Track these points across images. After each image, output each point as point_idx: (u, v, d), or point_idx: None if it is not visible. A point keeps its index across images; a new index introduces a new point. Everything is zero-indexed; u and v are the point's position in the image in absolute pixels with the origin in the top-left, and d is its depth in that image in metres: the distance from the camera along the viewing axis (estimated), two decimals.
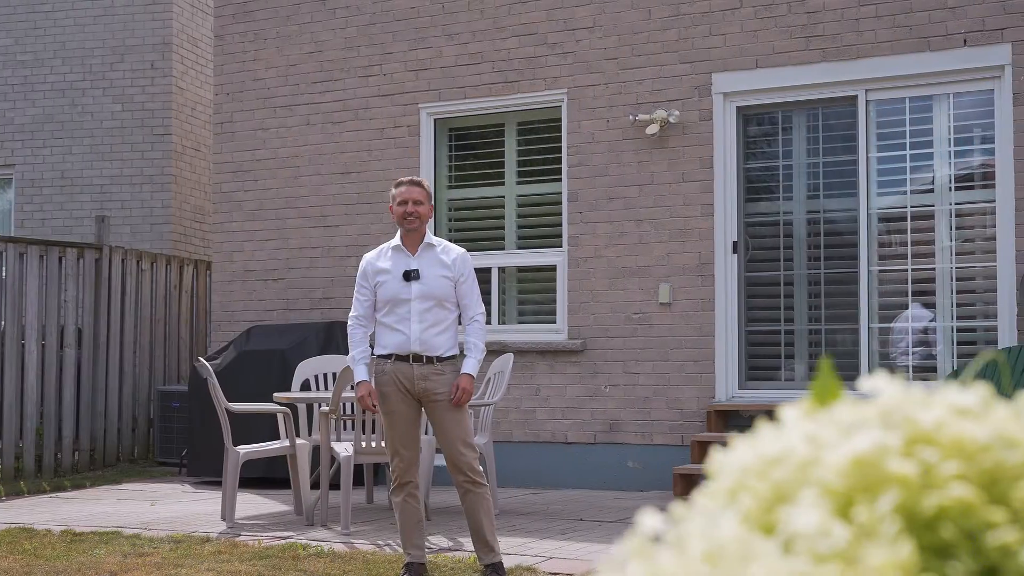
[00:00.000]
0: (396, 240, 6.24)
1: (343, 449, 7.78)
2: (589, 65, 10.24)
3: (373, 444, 7.65)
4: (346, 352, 10.11)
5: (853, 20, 9.34)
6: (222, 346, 11.16)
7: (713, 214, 9.73)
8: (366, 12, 11.23)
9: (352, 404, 7.85)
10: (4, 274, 11.16)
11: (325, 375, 9.22)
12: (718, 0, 9.79)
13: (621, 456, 9.95)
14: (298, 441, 8.14)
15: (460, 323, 6.29)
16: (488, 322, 9.70)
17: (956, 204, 9.13)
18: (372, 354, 6.27)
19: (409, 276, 6.07)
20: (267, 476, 9.90)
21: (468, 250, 10.65)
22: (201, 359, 8.24)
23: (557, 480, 10.06)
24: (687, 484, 9.14)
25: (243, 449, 8.09)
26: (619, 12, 10.14)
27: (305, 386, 9.12)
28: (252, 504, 9.05)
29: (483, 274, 10.68)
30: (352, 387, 6.40)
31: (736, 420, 9.57)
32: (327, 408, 7.73)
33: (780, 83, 9.58)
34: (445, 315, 6.08)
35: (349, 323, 6.31)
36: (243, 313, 11.68)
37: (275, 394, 8.48)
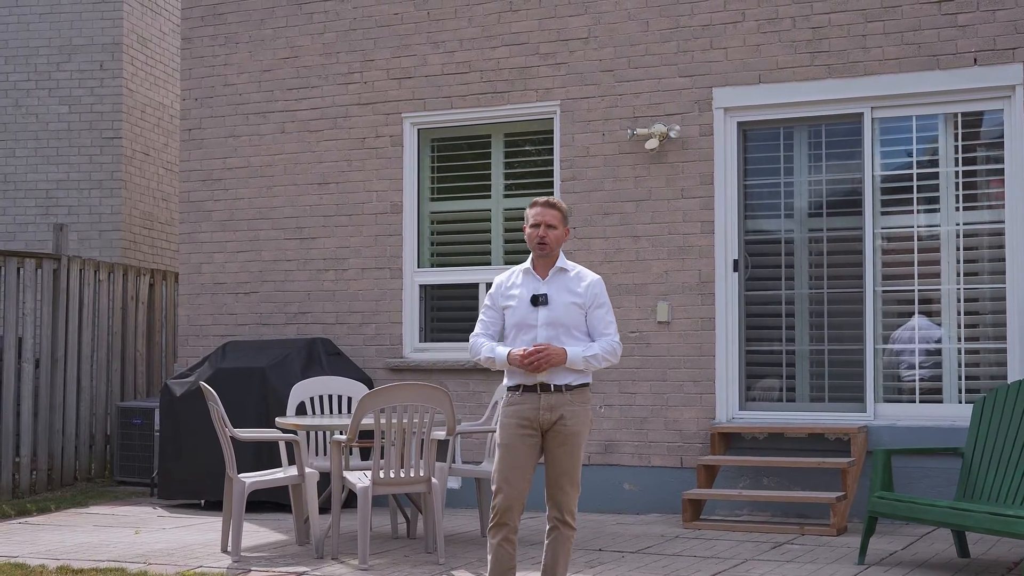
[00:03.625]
0: (527, 263, 5.96)
1: (358, 479, 7.42)
2: (583, 77, 9.97)
3: (392, 474, 7.30)
4: (330, 372, 9.79)
5: (860, 36, 9.18)
6: (196, 362, 10.68)
7: (713, 231, 9.53)
8: (346, 17, 10.85)
9: (370, 432, 7.44)
10: None
11: (322, 397, 8.84)
12: (719, 13, 9.58)
13: (617, 478, 9.71)
14: (306, 470, 7.75)
15: None
16: None
17: (964, 224, 9.02)
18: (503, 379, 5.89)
19: (537, 301, 5.78)
20: (249, 500, 9.46)
21: (451, 265, 10.53)
22: (205, 384, 7.81)
23: None
24: (695, 509, 8.93)
25: (249, 478, 7.69)
26: (615, 23, 9.88)
27: (301, 409, 8.73)
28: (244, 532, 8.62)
29: (469, 290, 10.40)
30: (500, 364, 5.74)
31: (738, 442, 9.37)
32: (342, 436, 7.36)
33: (783, 99, 9.40)
34: (573, 344, 5.74)
35: (471, 340, 5.94)
36: (212, 328, 11.22)
37: (278, 419, 8.08)
